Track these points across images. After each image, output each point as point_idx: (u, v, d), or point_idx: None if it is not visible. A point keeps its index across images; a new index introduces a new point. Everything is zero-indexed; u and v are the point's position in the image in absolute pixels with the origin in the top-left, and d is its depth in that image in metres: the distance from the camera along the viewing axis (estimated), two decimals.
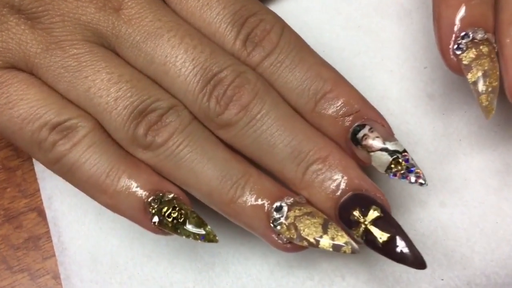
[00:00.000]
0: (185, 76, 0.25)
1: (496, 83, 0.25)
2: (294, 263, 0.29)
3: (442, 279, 0.28)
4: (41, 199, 0.32)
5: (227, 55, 0.26)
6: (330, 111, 0.26)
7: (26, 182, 0.32)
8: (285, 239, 0.25)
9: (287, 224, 0.24)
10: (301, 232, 0.24)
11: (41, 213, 0.31)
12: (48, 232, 0.31)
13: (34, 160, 0.33)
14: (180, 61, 0.25)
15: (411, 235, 0.28)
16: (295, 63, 0.26)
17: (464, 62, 0.25)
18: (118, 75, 0.25)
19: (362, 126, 0.25)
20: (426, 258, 0.28)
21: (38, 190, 0.32)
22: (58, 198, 0.31)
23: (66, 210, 0.31)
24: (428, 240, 0.29)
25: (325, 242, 0.24)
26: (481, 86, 0.25)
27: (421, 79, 0.31)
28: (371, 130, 0.25)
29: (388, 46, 0.32)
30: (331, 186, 0.25)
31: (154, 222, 0.25)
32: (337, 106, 0.26)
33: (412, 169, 0.24)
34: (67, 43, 0.26)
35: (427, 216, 0.29)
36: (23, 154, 0.33)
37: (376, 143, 0.25)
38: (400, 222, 0.28)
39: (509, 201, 0.29)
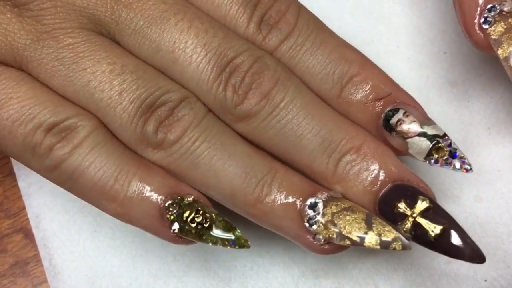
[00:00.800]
0: (197, 63, 0.23)
1: None
2: (321, 273, 0.27)
3: (485, 280, 0.26)
4: (27, 219, 0.29)
5: (241, 39, 0.24)
6: (358, 96, 0.24)
7: (8, 200, 0.30)
8: (322, 240, 0.22)
9: (324, 222, 0.22)
10: (342, 230, 0.22)
11: (28, 234, 0.29)
12: (37, 255, 0.28)
13: (17, 175, 0.30)
14: (190, 47, 0.23)
15: None
16: (316, 46, 0.24)
17: (493, 37, 0.24)
18: (121, 66, 0.23)
19: (395, 110, 0.23)
20: None
21: (23, 208, 0.29)
22: (47, 216, 0.29)
23: (57, 229, 0.29)
24: None
25: (371, 239, 0.21)
26: None
27: (441, 66, 0.30)
28: (406, 114, 0.23)
29: (402, 32, 0.30)
30: (369, 178, 0.23)
31: (174, 230, 0.22)
32: (366, 90, 0.24)
33: (456, 153, 0.22)
34: (61, 31, 0.23)
35: (462, 212, 0.27)
36: (4, 169, 0.30)
37: (414, 127, 0.23)
38: None
39: None
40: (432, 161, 0.22)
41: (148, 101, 0.23)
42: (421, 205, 0.21)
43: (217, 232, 0.22)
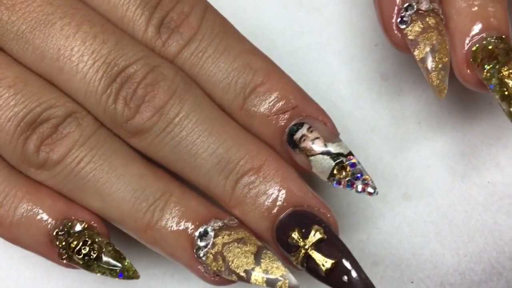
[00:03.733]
0: (84, 73, 0.21)
1: (447, 58, 0.22)
2: None
3: (412, 282, 0.26)
4: None
5: (137, 45, 0.22)
6: (261, 108, 0.22)
7: None
8: (212, 272, 0.21)
9: (213, 254, 0.21)
10: (230, 263, 0.20)
11: None
12: None
13: None
14: (76, 55, 0.21)
15: (373, 234, 0.26)
16: (219, 52, 0.22)
17: (410, 37, 0.23)
18: None
19: (300, 125, 0.22)
20: (392, 259, 0.26)
21: None
22: None
23: None
24: (393, 239, 0.26)
25: (257, 276, 0.20)
26: (430, 63, 0.22)
27: (373, 58, 0.28)
28: (310, 129, 0.21)
29: (333, 24, 0.29)
30: (266, 202, 0.21)
31: (63, 258, 0.22)
32: (270, 102, 0.22)
33: (358, 175, 0.21)
34: None
35: (390, 211, 0.27)
36: None
37: (316, 145, 0.21)
38: (360, 221, 0.25)
39: (479, 187, 0.27)
40: (335, 182, 0.21)
41: (28, 118, 0.21)
42: (314, 236, 0.20)
43: (105, 262, 0.21)
